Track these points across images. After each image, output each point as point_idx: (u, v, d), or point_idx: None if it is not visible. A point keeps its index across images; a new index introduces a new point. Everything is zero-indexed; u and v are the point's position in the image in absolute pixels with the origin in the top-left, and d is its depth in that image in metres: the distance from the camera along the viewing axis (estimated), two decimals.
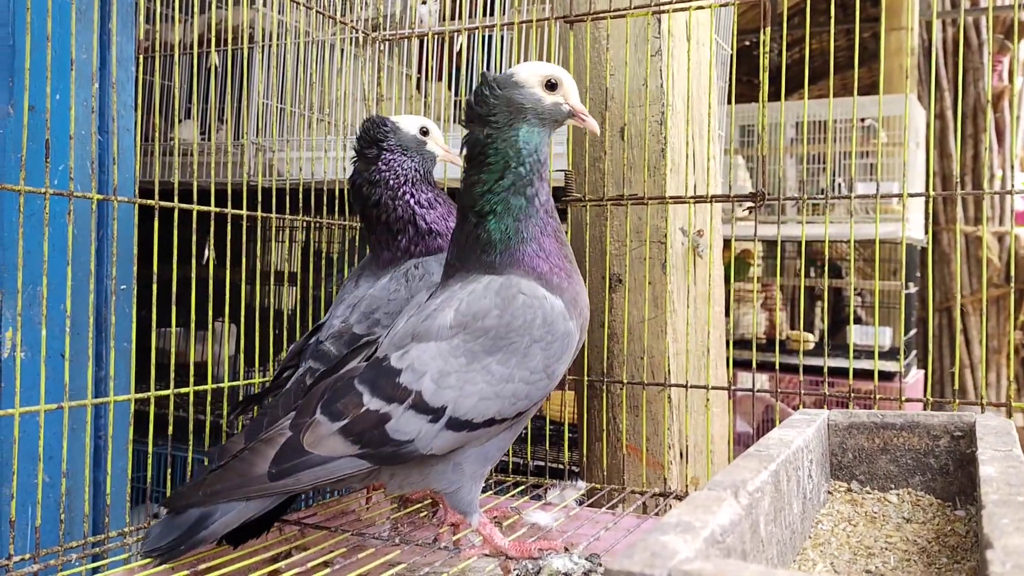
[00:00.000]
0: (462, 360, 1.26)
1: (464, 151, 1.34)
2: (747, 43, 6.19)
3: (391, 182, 1.62)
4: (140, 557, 1.36)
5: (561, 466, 2.09)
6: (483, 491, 1.82)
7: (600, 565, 1.29)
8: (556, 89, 1.33)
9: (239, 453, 1.30)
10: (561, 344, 1.28)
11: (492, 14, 2.38)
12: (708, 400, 1.81)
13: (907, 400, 1.73)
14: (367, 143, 1.65)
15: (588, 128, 1.37)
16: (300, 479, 1.25)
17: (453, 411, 1.25)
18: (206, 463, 1.37)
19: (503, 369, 1.26)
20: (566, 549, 1.34)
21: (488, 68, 2.48)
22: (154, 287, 1.59)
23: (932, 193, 1.72)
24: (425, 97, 2.56)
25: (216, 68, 2.84)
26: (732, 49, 2.42)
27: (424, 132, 1.67)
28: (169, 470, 1.74)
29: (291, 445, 1.26)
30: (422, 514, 1.68)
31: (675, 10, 1.83)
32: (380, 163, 1.63)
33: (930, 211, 1.66)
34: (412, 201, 1.63)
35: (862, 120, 4.24)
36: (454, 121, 2.69)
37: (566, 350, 1.29)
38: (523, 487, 1.87)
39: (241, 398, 1.77)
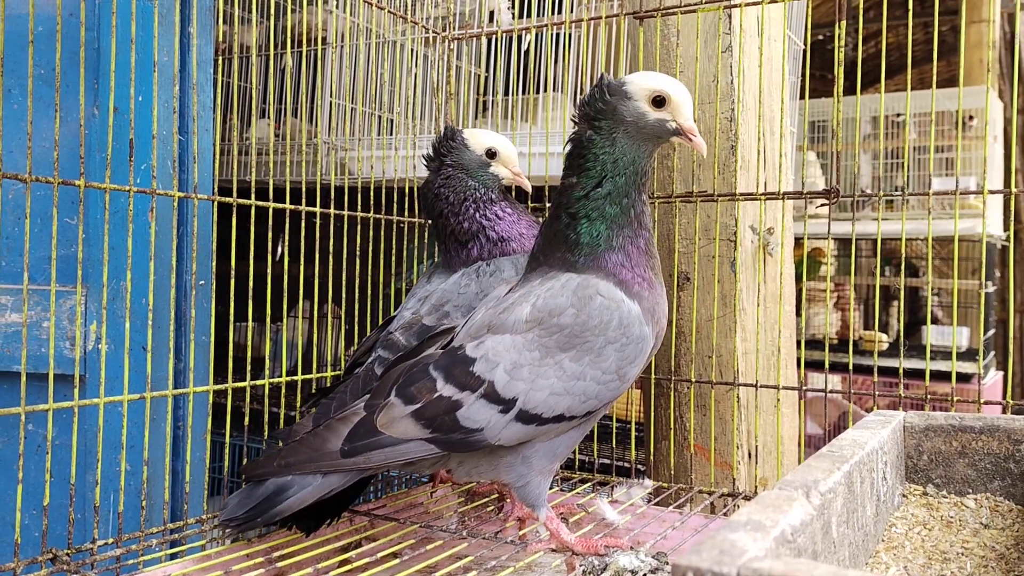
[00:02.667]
0: (536, 354, 1.27)
1: (567, 147, 1.34)
2: (820, 37, 6.07)
3: (451, 199, 1.64)
4: (220, 531, 1.40)
5: (627, 464, 2.08)
6: (549, 487, 1.83)
7: (667, 563, 1.28)
8: (664, 105, 1.28)
9: (314, 429, 1.34)
10: (635, 347, 1.28)
11: (560, 11, 2.38)
12: (778, 400, 1.78)
13: (986, 403, 1.68)
14: (431, 154, 1.67)
15: (696, 148, 1.31)
16: (371, 458, 1.28)
17: (523, 404, 1.26)
18: (280, 444, 1.41)
19: (576, 367, 1.26)
20: (632, 547, 1.34)
21: (556, 65, 2.48)
22: (231, 282, 1.63)
23: (1014, 190, 1.67)
24: (493, 96, 2.58)
25: (290, 69, 2.90)
26: (806, 44, 2.38)
27: (491, 155, 1.65)
28: (245, 461, 1.78)
29: (364, 424, 1.29)
30: (489, 508, 1.69)
31: (747, 5, 1.80)
32: (440, 178, 1.65)
33: (1011, 208, 1.61)
34: (478, 215, 1.64)
35: (970, 118, 4.11)
36: (521, 120, 2.70)
37: (639, 354, 1.29)
38: (589, 484, 1.87)
39: (314, 390, 1.81)
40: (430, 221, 1.70)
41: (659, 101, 1.28)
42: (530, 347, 1.27)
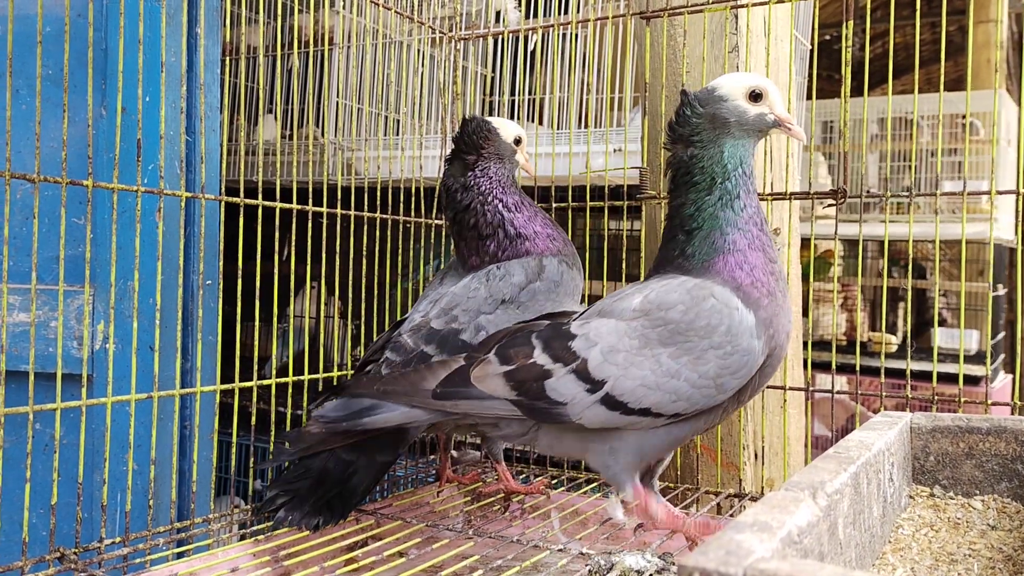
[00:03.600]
0: (635, 342, 1.27)
1: (668, 173, 1.37)
2: (827, 37, 6.05)
3: (484, 187, 1.65)
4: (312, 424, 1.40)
5: None
6: (556, 487, 1.83)
7: (673, 563, 1.28)
8: (761, 99, 1.31)
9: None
10: (739, 359, 1.24)
11: (567, 11, 2.38)
12: (785, 401, 1.78)
13: (994, 404, 1.68)
14: (468, 147, 1.67)
15: (795, 136, 1.34)
16: (458, 405, 1.34)
17: (611, 388, 1.26)
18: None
19: (672, 364, 1.25)
20: (638, 547, 1.34)
21: (563, 66, 2.48)
22: (239, 282, 1.63)
23: (1023, 190, 1.66)
24: (500, 96, 2.58)
25: (297, 70, 2.91)
26: (812, 44, 2.37)
27: (517, 142, 1.71)
28: (252, 460, 1.79)
29: (460, 373, 1.35)
30: (495, 508, 1.69)
31: (754, 5, 1.80)
32: (477, 169, 1.66)
33: (1020, 209, 1.60)
34: (501, 206, 1.65)
35: (962, 117, 4.10)
36: (528, 120, 2.71)
37: (743, 367, 1.25)
38: (596, 483, 1.87)
39: (321, 389, 1.81)
40: (450, 215, 1.70)
41: (756, 96, 1.31)
42: (632, 335, 1.27)
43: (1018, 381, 1.75)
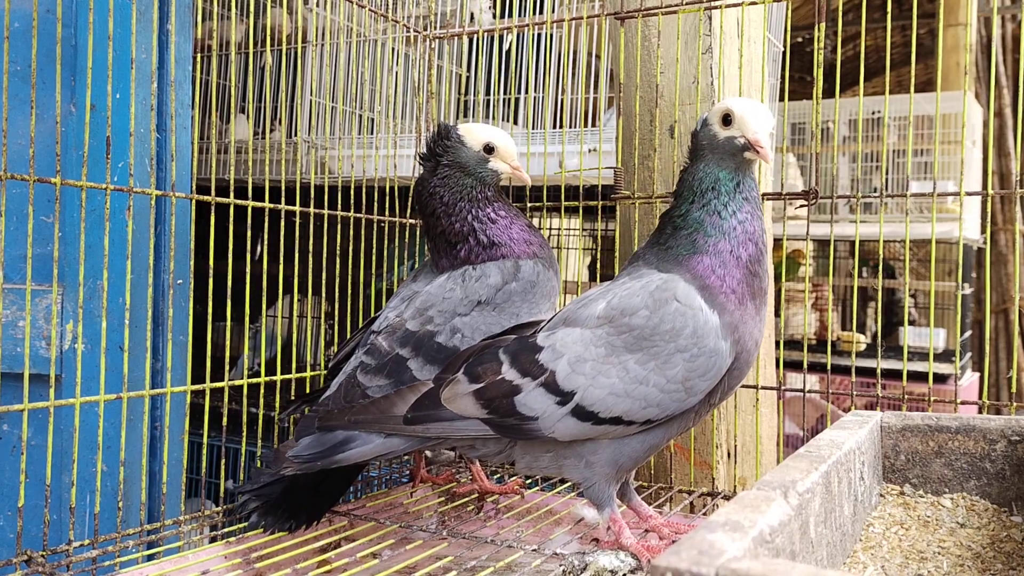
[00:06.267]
0: (601, 351, 1.27)
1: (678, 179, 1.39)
2: (799, 39, 6.11)
3: (446, 198, 1.60)
4: (289, 464, 1.37)
5: None
6: (530, 487, 1.83)
7: (647, 562, 1.29)
8: (731, 123, 1.29)
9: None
10: (707, 360, 1.24)
11: (542, 11, 2.38)
12: (757, 400, 1.79)
13: (962, 403, 1.70)
14: (427, 154, 1.63)
15: (762, 159, 1.29)
16: (430, 428, 1.32)
17: (581, 399, 1.26)
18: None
19: (639, 369, 1.25)
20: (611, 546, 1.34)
21: (538, 66, 2.48)
22: (210, 282, 1.62)
23: (990, 192, 1.69)
24: (475, 96, 2.57)
25: (270, 67, 2.89)
26: (785, 46, 2.39)
27: (489, 150, 1.60)
28: (223, 461, 1.77)
29: (429, 396, 1.33)
30: (468, 508, 1.69)
31: (727, 6, 1.81)
32: (436, 178, 1.61)
33: (988, 210, 1.63)
34: (470, 217, 1.60)
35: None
36: (503, 120, 2.71)
37: (711, 368, 1.25)
38: (569, 483, 1.87)
39: (293, 394, 1.80)
40: (422, 219, 1.68)
41: (727, 120, 1.30)
42: (597, 343, 1.27)
43: (986, 380, 1.78)
